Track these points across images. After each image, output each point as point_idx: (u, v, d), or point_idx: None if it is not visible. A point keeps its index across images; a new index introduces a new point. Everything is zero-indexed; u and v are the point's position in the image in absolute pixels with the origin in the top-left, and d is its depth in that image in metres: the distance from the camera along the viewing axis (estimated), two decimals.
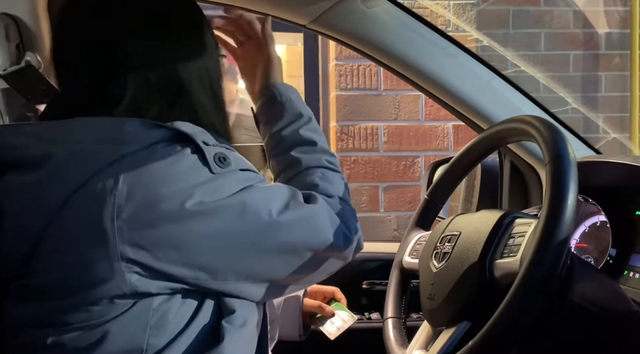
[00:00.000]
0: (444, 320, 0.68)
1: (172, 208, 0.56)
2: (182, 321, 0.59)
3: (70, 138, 0.57)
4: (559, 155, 0.60)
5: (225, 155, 0.60)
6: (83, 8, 0.63)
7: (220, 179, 0.59)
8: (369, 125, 2.36)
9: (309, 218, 0.64)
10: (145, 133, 0.58)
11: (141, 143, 0.57)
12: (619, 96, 2.61)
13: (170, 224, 0.56)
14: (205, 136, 0.60)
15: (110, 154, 0.56)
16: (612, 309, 0.64)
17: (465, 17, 2.37)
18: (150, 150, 0.57)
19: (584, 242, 0.89)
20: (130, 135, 0.58)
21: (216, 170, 0.58)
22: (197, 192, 0.57)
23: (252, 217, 0.60)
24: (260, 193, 0.61)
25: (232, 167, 0.60)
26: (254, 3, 1.02)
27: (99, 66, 0.61)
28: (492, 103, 1.05)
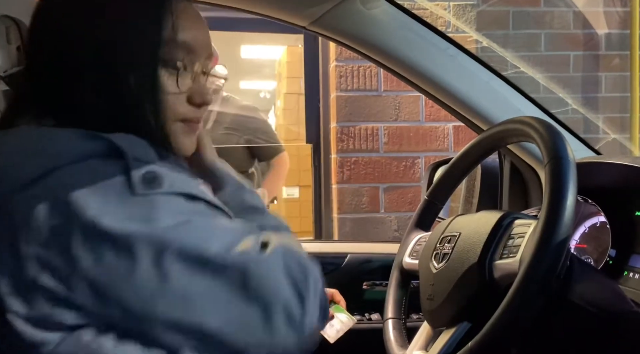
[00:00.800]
0: (444, 321, 0.69)
1: (90, 236, 0.49)
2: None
3: (5, 150, 0.54)
4: (558, 156, 0.60)
5: (157, 175, 0.52)
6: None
7: (141, 203, 0.50)
8: (369, 126, 2.36)
9: (250, 270, 0.52)
10: (76, 146, 0.52)
11: (70, 157, 0.52)
12: (619, 97, 2.61)
13: (86, 253, 0.49)
14: (142, 150, 0.54)
15: (35, 169, 0.51)
16: (611, 309, 0.64)
17: (465, 18, 2.37)
18: (78, 166, 0.51)
19: (583, 243, 0.89)
20: (59, 148, 0.52)
21: (139, 190, 0.51)
22: (110, 216, 0.49)
23: (178, 257, 0.50)
24: (192, 229, 0.51)
25: (163, 190, 0.51)
26: (254, 5, 1.02)
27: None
28: (492, 104, 1.05)
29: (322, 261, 1.41)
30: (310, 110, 2.55)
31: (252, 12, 1.04)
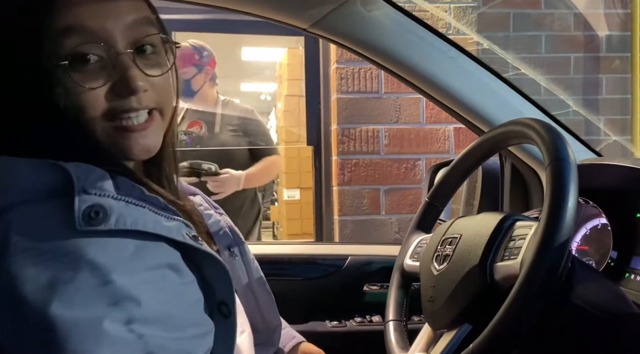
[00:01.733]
0: (445, 323, 0.68)
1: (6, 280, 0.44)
2: None
3: None
4: (558, 158, 0.60)
5: (104, 210, 0.47)
6: None
7: (78, 240, 0.45)
8: (370, 128, 2.36)
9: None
10: (35, 179, 0.48)
11: (29, 193, 0.47)
12: (620, 98, 2.61)
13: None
14: (95, 182, 0.48)
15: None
16: (613, 311, 0.64)
17: (465, 20, 2.37)
18: (35, 204, 0.47)
19: (584, 245, 0.89)
20: (18, 182, 0.48)
21: (80, 226, 0.46)
22: (33, 259, 0.44)
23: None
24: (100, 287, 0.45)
25: (108, 226, 0.46)
26: (255, 8, 1.02)
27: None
28: (493, 106, 1.05)
29: (323, 263, 1.42)
30: (311, 112, 2.55)
31: (252, 15, 1.04)
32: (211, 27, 2.58)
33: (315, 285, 1.28)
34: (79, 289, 0.44)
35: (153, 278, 0.47)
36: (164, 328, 0.46)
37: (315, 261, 1.31)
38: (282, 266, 1.25)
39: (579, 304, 0.61)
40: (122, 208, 0.48)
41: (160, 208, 0.51)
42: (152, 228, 0.49)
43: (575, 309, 0.61)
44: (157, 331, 0.46)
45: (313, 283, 1.28)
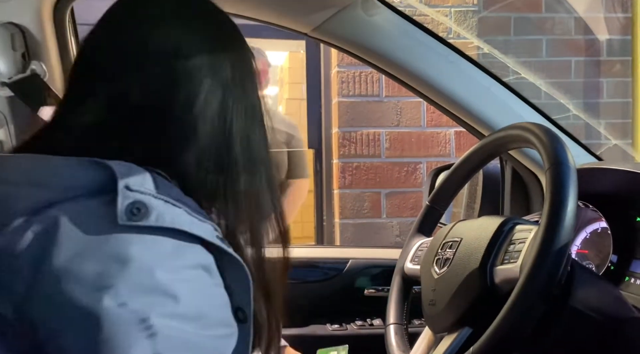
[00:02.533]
0: (445, 326, 0.69)
1: (55, 276, 0.45)
2: None
3: (3, 177, 0.51)
4: (558, 162, 0.61)
5: (145, 207, 0.48)
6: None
7: (121, 234, 0.47)
8: (370, 131, 2.36)
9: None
10: (78, 177, 0.50)
11: (72, 190, 0.49)
12: (621, 102, 2.61)
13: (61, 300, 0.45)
14: (137, 179, 0.49)
15: (34, 201, 0.48)
16: (613, 315, 0.64)
17: (466, 25, 2.38)
18: (78, 201, 0.48)
19: (584, 248, 0.89)
20: (61, 179, 0.49)
21: (122, 221, 0.47)
22: (81, 253, 0.46)
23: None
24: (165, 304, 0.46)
25: (148, 222, 0.47)
26: (257, 12, 1.03)
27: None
28: (493, 110, 1.06)
29: (324, 267, 1.42)
30: (312, 116, 2.55)
31: (254, 19, 1.05)
32: None
33: (316, 288, 1.28)
34: (126, 283, 0.45)
35: (190, 276, 0.49)
36: (201, 325, 0.48)
37: (316, 265, 1.31)
38: None
39: (579, 308, 0.62)
40: (161, 206, 0.49)
41: (194, 210, 0.52)
42: (189, 228, 0.49)
43: (575, 313, 0.61)
44: (195, 329, 0.47)
45: (314, 286, 1.29)
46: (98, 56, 0.57)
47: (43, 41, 1.00)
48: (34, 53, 1.00)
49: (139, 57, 0.54)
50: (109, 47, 0.56)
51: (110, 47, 0.56)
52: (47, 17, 1.00)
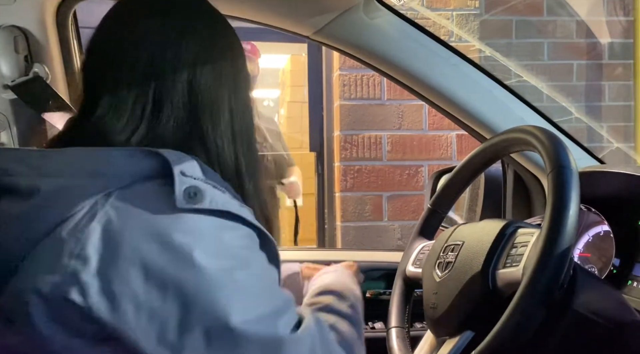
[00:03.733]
0: (447, 330, 0.69)
1: (131, 259, 0.49)
2: None
3: (57, 170, 0.53)
4: (560, 165, 0.60)
5: (200, 191, 0.52)
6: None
7: (182, 218, 0.51)
8: (372, 134, 2.36)
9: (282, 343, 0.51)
10: (131, 165, 0.53)
11: (127, 177, 0.53)
12: (622, 105, 2.61)
13: (124, 278, 0.49)
14: (189, 166, 0.54)
15: (93, 191, 0.51)
16: (615, 319, 0.64)
17: (468, 28, 2.38)
18: (133, 189, 0.52)
19: (587, 252, 0.89)
20: (115, 169, 0.53)
21: (180, 204, 0.51)
22: (152, 233, 0.50)
23: (204, 307, 0.49)
24: (231, 274, 0.51)
25: (204, 205, 0.51)
26: (259, 15, 1.03)
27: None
28: (495, 113, 1.06)
29: None
30: (314, 119, 2.55)
31: (256, 22, 1.05)
32: None
33: None
34: (203, 251, 0.50)
35: (247, 255, 0.54)
36: (265, 300, 0.53)
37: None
38: None
39: (581, 312, 0.61)
40: (211, 190, 0.53)
41: (233, 196, 0.56)
42: (237, 210, 0.54)
43: (578, 316, 0.61)
44: (260, 283, 0.53)
45: None
46: (108, 60, 0.60)
47: (46, 44, 1.00)
48: (36, 56, 1.00)
49: (153, 64, 0.59)
50: (115, 54, 0.60)
51: (119, 56, 0.59)
52: (49, 20, 1.01)
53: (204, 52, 0.61)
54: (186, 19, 0.61)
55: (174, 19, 0.61)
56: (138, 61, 0.58)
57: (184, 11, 0.62)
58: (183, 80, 0.59)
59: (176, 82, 0.59)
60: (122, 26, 0.61)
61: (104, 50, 0.61)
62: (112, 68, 0.59)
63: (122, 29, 0.60)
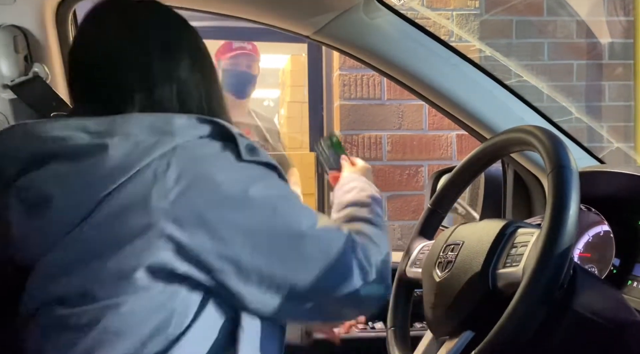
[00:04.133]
0: (447, 330, 0.68)
1: (212, 195, 0.63)
2: (203, 321, 0.63)
3: (125, 130, 0.64)
4: (560, 165, 0.60)
5: (255, 147, 0.68)
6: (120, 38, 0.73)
7: (249, 168, 0.67)
8: (372, 134, 2.36)
9: (330, 239, 0.69)
10: (192, 127, 0.66)
11: (189, 136, 0.65)
12: (623, 105, 2.61)
13: (209, 210, 0.62)
14: (237, 131, 0.68)
15: (161, 145, 0.63)
16: (615, 319, 0.64)
17: (468, 28, 2.38)
18: (197, 142, 0.65)
19: (587, 252, 0.89)
20: (179, 129, 0.65)
21: (246, 157, 0.66)
22: (229, 181, 0.64)
23: (282, 221, 0.67)
24: (290, 202, 0.69)
25: (261, 159, 0.67)
26: (259, 15, 1.03)
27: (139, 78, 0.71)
28: (495, 113, 1.06)
29: None
30: (314, 119, 2.56)
31: (257, 22, 1.05)
32: (215, 34, 2.59)
33: None
34: (265, 187, 0.68)
35: (286, 187, 0.71)
36: (308, 209, 0.71)
37: None
38: None
39: (581, 312, 0.61)
40: (260, 147, 0.69)
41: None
42: (274, 162, 0.70)
43: (578, 316, 0.61)
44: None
45: None
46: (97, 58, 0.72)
47: (45, 44, 1.00)
48: (36, 55, 1.00)
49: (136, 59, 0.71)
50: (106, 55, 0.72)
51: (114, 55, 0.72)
52: (49, 20, 1.01)
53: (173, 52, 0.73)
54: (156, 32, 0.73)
55: (154, 40, 0.72)
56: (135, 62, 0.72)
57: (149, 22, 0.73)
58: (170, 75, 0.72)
59: (164, 80, 0.71)
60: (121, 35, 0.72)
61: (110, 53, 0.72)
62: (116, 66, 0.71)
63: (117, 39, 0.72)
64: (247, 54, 2.28)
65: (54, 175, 0.63)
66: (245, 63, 2.27)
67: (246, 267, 0.64)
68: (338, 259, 0.68)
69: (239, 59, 2.26)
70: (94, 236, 0.61)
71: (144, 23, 0.72)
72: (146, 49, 0.71)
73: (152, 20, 0.73)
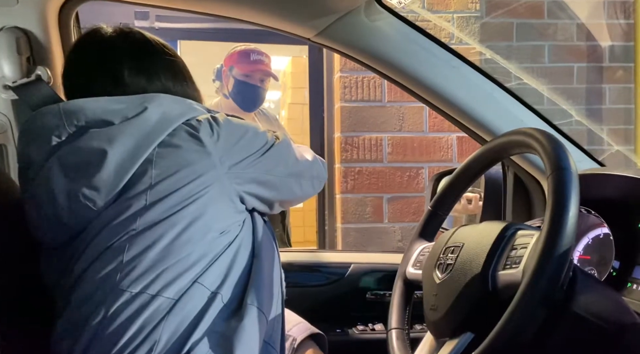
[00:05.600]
0: (447, 331, 0.69)
1: (247, 144, 0.84)
2: (251, 227, 0.86)
3: (156, 101, 0.81)
4: (560, 167, 0.61)
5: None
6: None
7: (260, 131, 0.89)
8: (373, 136, 2.37)
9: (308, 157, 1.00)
10: (195, 105, 0.85)
11: (196, 111, 0.84)
12: (623, 108, 2.61)
13: (251, 155, 0.84)
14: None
15: (190, 112, 0.82)
16: (615, 321, 0.64)
17: (468, 30, 2.39)
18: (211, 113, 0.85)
19: (587, 254, 0.89)
20: (188, 104, 0.84)
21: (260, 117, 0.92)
22: (257, 134, 0.87)
23: (287, 156, 0.92)
24: (286, 144, 0.93)
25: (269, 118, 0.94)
26: (260, 18, 1.03)
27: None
28: (495, 116, 1.06)
29: (326, 271, 1.42)
30: (315, 120, 2.56)
31: (258, 25, 1.05)
32: (216, 36, 2.60)
33: (318, 293, 1.28)
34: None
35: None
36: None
37: (317, 269, 1.31)
38: (285, 274, 1.25)
39: (581, 314, 0.61)
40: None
41: None
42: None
43: (577, 318, 0.61)
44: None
45: (315, 290, 1.29)
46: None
47: (48, 45, 1.01)
48: (38, 57, 1.01)
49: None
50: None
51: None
52: (52, 22, 1.01)
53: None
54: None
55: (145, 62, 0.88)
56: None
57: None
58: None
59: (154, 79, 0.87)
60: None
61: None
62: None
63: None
64: (263, 69, 2.26)
65: (102, 134, 0.77)
66: (259, 78, 2.26)
67: (277, 188, 0.89)
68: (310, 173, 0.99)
69: (255, 73, 2.25)
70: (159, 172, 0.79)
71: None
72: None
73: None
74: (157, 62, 0.86)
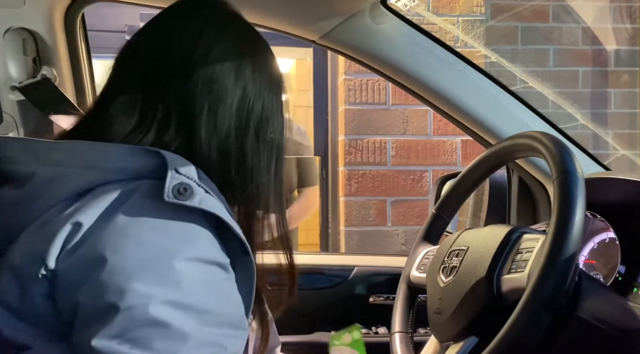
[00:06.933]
0: (451, 335, 0.68)
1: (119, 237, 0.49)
2: None
3: (54, 159, 0.54)
4: (566, 171, 0.60)
5: (190, 188, 0.51)
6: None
7: (168, 211, 0.50)
8: (377, 139, 2.37)
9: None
10: (129, 162, 0.54)
11: (120, 173, 0.53)
12: (628, 113, 2.60)
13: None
14: (185, 167, 0.53)
15: (80, 183, 0.52)
16: (621, 326, 0.63)
17: (473, 33, 2.38)
18: (127, 183, 0.52)
19: (592, 259, 0.88)
20: (111, 163, 0.53)
21: (169, 198, 0.50)
22: (139, 225, 0.50)
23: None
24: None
25: (192, 202, 0.50)
26: (264, 20, 1.03)
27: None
28: (500, 119, 1.06)
29: (329, 274, 1.42)
30: (319, 123, 2.56)
31: (262, 27, 1.05)
32: None
33: (321, 296, 1.28)
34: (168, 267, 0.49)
35: (207, 270, 0.51)
36: (202, 320, 0.50)
37: (321, 272, 1.31)
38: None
39: (586, 319, 0.61)
40: (203, 193, 0.52)
41: (227, 209, 0.55)
42: (228, 218, 0.53)
43: (582, 323, 0.61)
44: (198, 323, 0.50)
45: (319, 293, 1.28)
46: (136, 62, 0.61)
47: (54, 46, 1.01)
48: (45, 58, 1.01)
49: (172, 64, 0.59)
50: (146, 55, 0.61)
51: (147, 55, 0.61)
52: (58, 23, 1.01)
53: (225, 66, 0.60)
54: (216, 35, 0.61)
55: (207, 38, 0.60)
56: (155, 71, 0.59)
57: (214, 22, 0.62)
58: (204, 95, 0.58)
59: (195, 96, 0.58)
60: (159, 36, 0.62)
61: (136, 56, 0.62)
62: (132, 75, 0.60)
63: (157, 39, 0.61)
64: None
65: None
66: None
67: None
68: None
69: None
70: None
71: None
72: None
73: None
74: None
